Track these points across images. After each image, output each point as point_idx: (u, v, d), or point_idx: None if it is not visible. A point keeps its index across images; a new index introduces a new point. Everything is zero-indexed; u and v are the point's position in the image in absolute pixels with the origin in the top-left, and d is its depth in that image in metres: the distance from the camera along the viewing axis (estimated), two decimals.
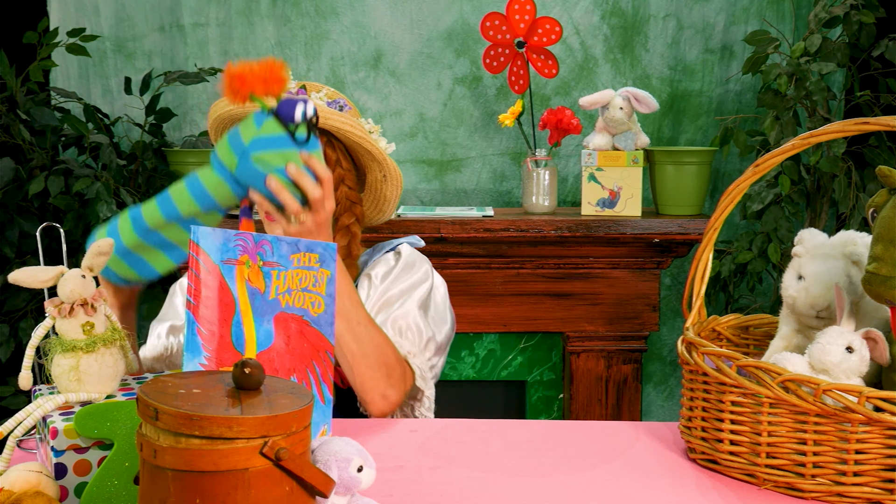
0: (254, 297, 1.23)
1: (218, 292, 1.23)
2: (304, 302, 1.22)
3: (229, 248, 1.24)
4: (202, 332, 1.24)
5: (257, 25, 3.10)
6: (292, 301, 1.22)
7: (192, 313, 1.22)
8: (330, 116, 1.67)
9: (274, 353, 1.23)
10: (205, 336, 1.24)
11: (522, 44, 2.90)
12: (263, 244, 1.22)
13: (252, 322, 1.23)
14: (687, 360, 1.33)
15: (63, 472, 1.12)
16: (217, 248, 1.24)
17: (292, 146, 1.36)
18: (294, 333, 1.22)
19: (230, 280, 1.23)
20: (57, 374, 1.18)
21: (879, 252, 1.21)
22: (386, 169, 1.77)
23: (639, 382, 2.97)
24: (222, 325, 1.23)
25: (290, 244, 1.22)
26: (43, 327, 1.20)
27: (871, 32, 2.73)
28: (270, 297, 1.22)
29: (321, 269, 1.20)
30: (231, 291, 1.22)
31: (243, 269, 1.23)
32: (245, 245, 1.23)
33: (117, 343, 1.21)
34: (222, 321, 1.23)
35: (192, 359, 1.25)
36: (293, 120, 1.35)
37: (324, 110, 1.67)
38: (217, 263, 1.23)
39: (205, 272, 1.23)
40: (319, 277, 1.20)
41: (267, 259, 1.22)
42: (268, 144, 1.35)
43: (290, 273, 1.22)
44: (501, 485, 1.28)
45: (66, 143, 2.88)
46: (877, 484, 1.18)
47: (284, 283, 1.22)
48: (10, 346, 2.73)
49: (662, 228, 2.78)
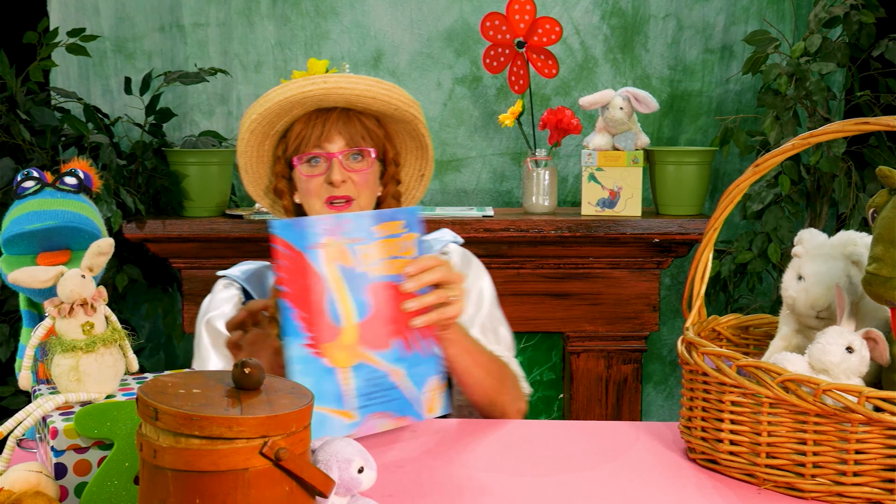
0: (344, 273, 1.31)
1: (306, 276, 1.29)
2: (395, 269, 1.33)
3: (311, 233, 1.30)
4: (299, 317, 1.29)
5: (257, 25, 3.10)
6: (384, 270, 1.32)
7: (287, 300, 1.28)
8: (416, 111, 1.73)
9: (374, 321, 1.32)
10: (302, 319, 1.29)
11: (522, 44, 2.90)
12: (345, 223, 1.31)
13: (346, 297, 1.31)
14: (687, 360, 1.33)
15: (63, 472, 1.12)
16: (299, 235, 1.30)
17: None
18: (390, 300, 1.33)
19: (316, 263, 1.30)
20: (57, 374, 1.18)
21: (880, 253, 1.21)
22: (426, 169, 1.84)
23: (639, 382, 2.97)
24: (316, 305, 1.29)
25: (372, 216, 1.32)
26: (43, 327, 1.20)
27: (871, 32, 2.73)
28: (359, 270, 1.31)
29: (407, 233, 1.33)
30: (319, 273, 1.29)
31: (329, 250, 1.30)
32: (327, 228, 1.30)
33: (117, 343, 1.21)
34: (315, 302, 1.29)
35: (293, 341, 1.29)
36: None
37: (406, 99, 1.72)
38: (301, 250, 1.30)
39: (290, 260, 1.29)
40: (406, 242, 1.33)
41: (351, 235, 1.31)
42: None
43: (375, 244, 1.32)
44: (501, 485, 1.28)
45: (66, 143, 2.87)
46: (877, 484, 1.18)
47: (371, 255, 1.32)
48: (10, 346, 2.73)
49: (662, 228, 2.78)
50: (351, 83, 1.67)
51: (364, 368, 1.33)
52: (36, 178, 1.35)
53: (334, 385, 1.31)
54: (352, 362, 1.32)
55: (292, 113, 1.72)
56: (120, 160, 2.81)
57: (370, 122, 1.75)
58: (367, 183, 1.74)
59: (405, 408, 1.37)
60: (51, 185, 1.35)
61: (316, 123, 1.72)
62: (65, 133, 2.84)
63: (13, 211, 1.34)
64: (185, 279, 2.86)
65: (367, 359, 1.33)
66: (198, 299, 2.84)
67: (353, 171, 1.73)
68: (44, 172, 1.37)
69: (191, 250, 2.83)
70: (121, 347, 1.22)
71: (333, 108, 1.73)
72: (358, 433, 1.32)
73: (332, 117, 1.72)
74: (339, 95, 1.68)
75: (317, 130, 1.72)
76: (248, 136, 1.74)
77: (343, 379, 1.31)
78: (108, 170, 2.72)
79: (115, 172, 2.76)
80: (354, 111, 1.74)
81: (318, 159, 1.73)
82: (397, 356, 1.35)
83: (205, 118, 3.14)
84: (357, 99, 1.70)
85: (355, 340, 1.32)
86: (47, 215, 1.31)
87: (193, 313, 2.84)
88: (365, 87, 1.68)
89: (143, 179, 2.89)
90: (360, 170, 1.73)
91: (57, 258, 1.33)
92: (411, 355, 1.37)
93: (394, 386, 1.35)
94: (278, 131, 1.76)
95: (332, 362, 1.30)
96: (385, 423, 1.36)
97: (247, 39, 3.11)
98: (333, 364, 1.30)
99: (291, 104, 1.69)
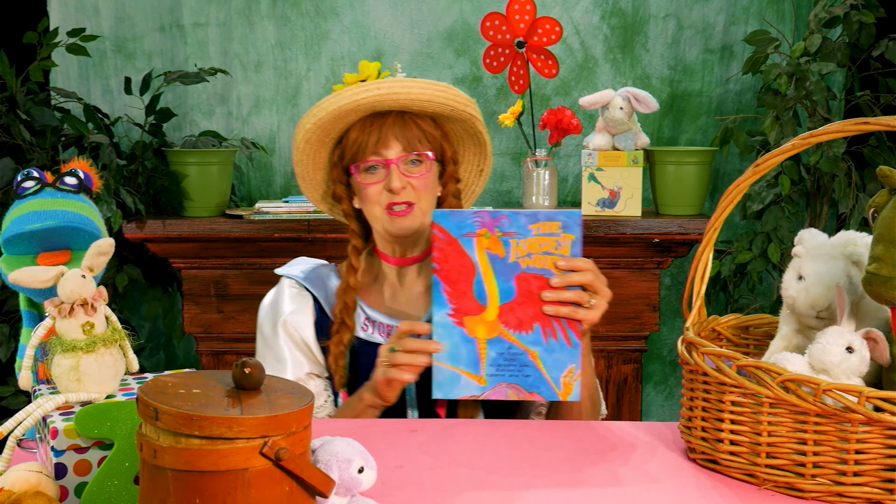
0: (494, 261, 1.49)
1: (458, 259, 1.50)
2: (546, 263, 1.48)
3: (467, 224, 1.50)
4: (446, 290, 1.51)
5: (257, 25, 3.11)
6: (534, 263, 1.48)
7: (437, 276, 1.51)
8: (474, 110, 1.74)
9: (516, 305, 1.50)
10: (449, 293, 1.51)
11: (522, 44, 2.90)
12: (501, 218, 1.49)
13: (493, 281, 1.50)
14: (687, 360, 1.33)
15: (63, 472, 1.12)
16: (455, 225, 1.50)
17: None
18: (535, 289, 1.48)
19: (469, 249, 1.50)
20: (57, 374, 1.18)
21: (880, 252, 1.21)
22: (485, 164, 1.85)
23: (639, 382, 2.97)
24: (464, 284, 1.50)
25: (529, 216, 1.48)
26: (43, 327, 1.20)
27: (871, 32, 2.73)
28: (510, 260, 1.49)
29: (564, 234, 1.47)
30: (471, 258, 1.50)
31: (482, 239, 1.49)
32: (483, 221, 1.49)
33: (117, 343, 1.21)
34: (464, 281, 1.50)
35: (439, 310, 1.52)
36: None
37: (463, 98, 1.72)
38: (456, 237, 1.50)
39: (445, 244, 1.50)
40: (562, 241, 1.48)
41: (505, 230, 1.48)
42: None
43: (529, 241, 1.48)
44: (501, 485, 1.28)
45: (66, 143, 2.87)
46: (877, 484, 1.18)
47: (524, 248, 1.48)
48: (10, 346, 2.73)
49: (662, 228, 2.78)
50: (405, 87, 1.65)
51: (501, 343, 1.51)
52: (36, 178, 1.35)
53: (471, 352, 1.51)
54: (490, 336, 1.51)
55: (347, 119, 1.70)
56: (120, 160, 2.81)
57: (426, 123, 1.73)
58: (426, 187, 1.72)
59: (536, 385, 1.51)
60: (51, 185, 1.35)
61: (372, 130, 1.69)
62: (65, 133, 2.84)
63: (13, 211, 1.34)
64: (185, 279, 2.86)
65: (505, 336, 1.51)
66: (198, 299, 2.86)
67: (411, 177, 1.70)
68: (44, 172, 1.37)
69: (191, 250, 2.83)
70: (121, 347, 1.22)
71: (389, 112, 1.70)
72: (486, 396, 1.52)
73: (387, 122, 1.69)
74: (393, 101, 1.66)
75: (373, 137, 1.69)
76: (303, 146, 1.72)
77: (480, 348, 1.51)
78: (108, 170, 2.72)
79: (115, 172, 2.76)
80: (410, 114, 1.71)
81: (376, 167, 1.70)
82: (535, 340, 1.50)
83: (205, 118, 3.14)
84: (412, 103, 1.68)
85: (496, 319, 1.51)
86: (47, 215, 1.31)
87: (193, 313, 2.85)
88: (419, 91, 1.66)
89: (143, 179, 2.89)
90: (420, 174, 1.71)
91: (57, 258, 1.33)
92: (550, 342, 1.50)
93: (529, 364, 1.50)
94: (333, 137, 1.74)
95: (470, 333, 1.51)
96: (512, 394, 1.52)
97: (247, 39, 3.11)
98: (472, 335, 1.51)
99: (346, 112, 1.67)
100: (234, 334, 2.86)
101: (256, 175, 3.15)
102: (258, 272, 2.81)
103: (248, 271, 2.83)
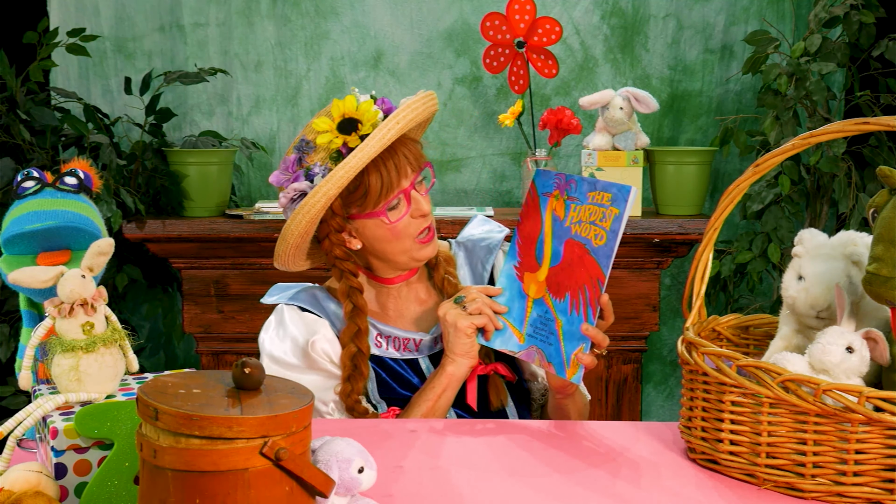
0: (555, 224, 1.54)
1: (534, 216, 1.57)
2: (590, 233, 1.49)
3: (549, 184, 1.55)
4: (519, 244, 1.59)
5: (257, 25, 3.10)
6: (581, 231, 1.50)
7: (517, 228, 1.59)
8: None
9: (559, 271, 1.53)
10: (520, 246, 1.59)
11: (522, 44, 2.90)
12: (571, 182, 1.52)
13: (550, 243, 1.54)
14: (687, 360, 1.33)
15: (63, 472, 1.12)
16: (542, 183, 1.56)
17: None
18: (575, 258, 1.51)
19: (543, 208, 1.56)
20: (57, 374, 1.18)
21: (880, 252, 1.21)
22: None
23: (639, 382, 2.96)
24: (530, 241, 1.57)
25: (590, 183, 1.50)
26: (43, 327, 1.20)
27: (871, 32, 2.72)
28: (566, 224, 1.52)
29: (611, 206, 1.47)
30: (541, 217, 1.56)
31: (553, 200, 1.54)
32: (559, 182, 1.54)
33: (117, 343, 1.21)
34: (531, 239, 1.57)
35: (509, 261, 1.61)
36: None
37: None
38: (539, 195, 1.57)
39: (530, 200, 1.57)
40: (608, 214, 1.47)
41: (571, 194, 1.52)
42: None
43: (584, 207, 1.50)
44: (501, 485, 1.28)
45: (66, 143, 2.87)
46: (877, 484, 1.18)
47: (578, 215, 1.51)
48: (10, 346, 2.73)
49: (662, 228, 2.78)
50: (410, 121, 1.59)
51: (542, 306, 1.55)
52: (36, 178, 1.35)
53: (521, 308, 1.57)
54: (537, 296, 1.56)
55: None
56: (120, 160, 2.81)
57: (411, 133, 1.68)
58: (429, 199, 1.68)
59: (553, 356, 1.53)
60: (51, 185, 1.35)
61: (388, 165, 1.60)
62: (65, 133, 2.84)
63: (13, 211, 1.34)
64: (185, 279, 2.86)
65: (546, 299, 1.55)
66: (198, 299, 2.86)
67: (425, 194, 1.67)
68: (44, 172, 1.37)
69: (191, 250, 2.83)
70: (121, 347, 1.22)
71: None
72: (520, 355, 1.57)
73: (397, 152, 1.61)
74: (388, 140, 1.59)
75: (392, 172, 1.61)
76: (298, 241, 1.68)
77: (527, 306, 1.57)
78: (108, 170, 2.72)
79: (115, 172, 2.76)
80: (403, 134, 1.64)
81: (400, 198, 1.63)
82: (563, 309, 1.53)
83: (205, 118, 3.14)
84: (406, 130, 1.62)
85: (544, 280, 1.55)
86: (47, 215, 1.31)
87: (193, 313, 2.85)
88: (422, 110, 1.61)
89: (143, 179, 2.89)
90: (429, 188, 1.68)
91: (57, 258, 1.33)
92: (572, 315, 1.52)
93: (554, 332, 1.54)
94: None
95: (525, 289, 1.58)
96: (537, 359, 1.55)
97: (247, 39, 3.11)
98: (526, 291, 1.57)
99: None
100: (234, 334, 2.86)
101: (256, 175, 3.15)
102: (258, 272, 2.81)
103: (248, 271, 2.83)
